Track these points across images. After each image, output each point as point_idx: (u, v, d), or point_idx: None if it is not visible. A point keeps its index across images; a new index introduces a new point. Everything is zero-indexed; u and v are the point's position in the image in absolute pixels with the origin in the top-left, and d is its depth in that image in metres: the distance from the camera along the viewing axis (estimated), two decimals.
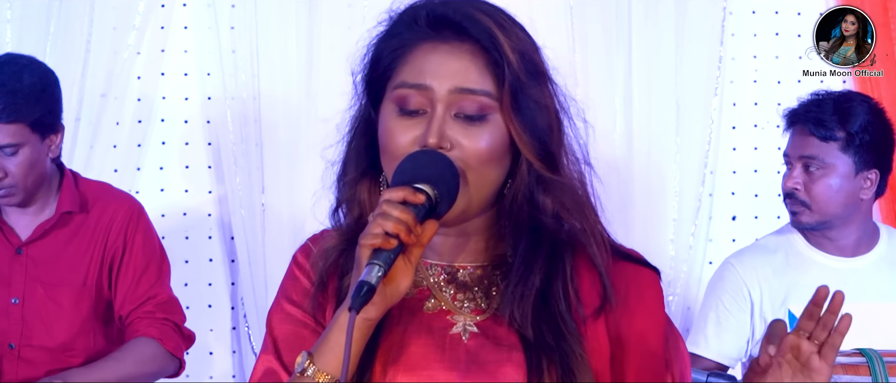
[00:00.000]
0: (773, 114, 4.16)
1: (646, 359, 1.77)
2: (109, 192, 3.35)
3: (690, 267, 4.10)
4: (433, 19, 1.75)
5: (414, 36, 1.76)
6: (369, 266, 1.61)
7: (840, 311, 1.88)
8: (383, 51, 1.78)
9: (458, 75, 1.73)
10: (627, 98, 4.08)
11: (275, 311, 1.84)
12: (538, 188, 1.76)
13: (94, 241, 3.24)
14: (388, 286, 1.66)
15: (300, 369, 1.69)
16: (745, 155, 4.22)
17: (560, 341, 1.72)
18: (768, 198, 4.19)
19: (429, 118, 1.72)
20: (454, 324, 1.78)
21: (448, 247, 1.81)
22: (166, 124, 4.05)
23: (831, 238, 3.19)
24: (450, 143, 1.71)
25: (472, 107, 1.72)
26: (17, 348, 3.21)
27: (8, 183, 3.12)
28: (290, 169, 3.99)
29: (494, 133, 1.73)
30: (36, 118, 3.11)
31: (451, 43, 1.74)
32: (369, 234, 1.63)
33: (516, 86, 1.72)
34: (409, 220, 1.64)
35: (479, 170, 1.72)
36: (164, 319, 3.26)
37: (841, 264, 3.19)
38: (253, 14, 3.96)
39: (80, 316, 3.22)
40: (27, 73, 3.12)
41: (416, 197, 1.66)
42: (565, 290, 1.75)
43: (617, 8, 4.08)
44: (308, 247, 1.85)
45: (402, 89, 1.74)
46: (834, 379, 2.52)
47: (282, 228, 3.98)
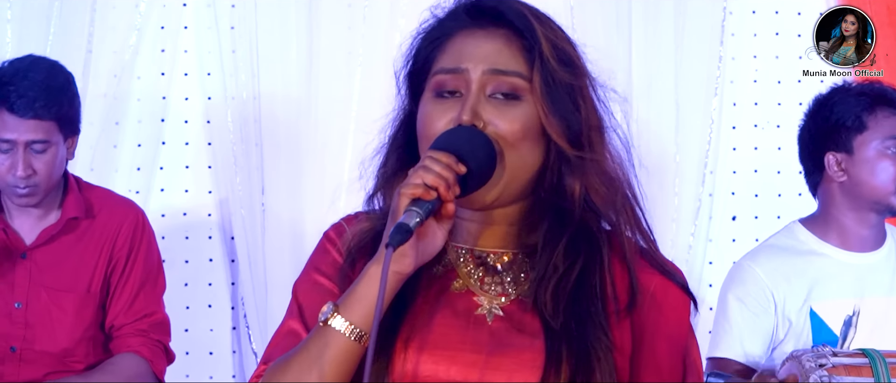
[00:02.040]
0: (774, 114, 4.17)
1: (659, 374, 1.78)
2: (113, 199, 3.35)
3: (690, 267, 4.09)
4: (471, 7, 1.82)
5: (452, 25, 1.82)
6: (408, 212, 1.65)
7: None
8: (422, 44, 1.84)
9: (492, 57, 1.78)
10: (627, 98, 4.07)
11: (302, 281, 1.86)
12: (567, 171, 1.79)
13: (101, 248, 3.24)
14: (421, 242, 1.69)
15: (324, 318, 1.70)
16: (745, 155, 4.22)
17: (585, 331, 1.74)
18: (768, 198, 4.20)
19: (464, 98, 1.77)
20: (479, 306, 1.79)
21: (478, 232, 1.82)
22: (166, 124, 4.05)
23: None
24: (483, 121, 1.75)
25: (504, 86, 1.77)
26: (18, 351, 3.21)
27: (34, 181, 3.13)
28: (290, 169, 3.99)
29: (528, 113, 1.77)
30: (65, 117, 3.14)
31: (487, 28, 1.80)
32: (410, 184, 1.67)
33: (546, 69, 1.77)
34: (450, 177, 1.67)
35: (515, 149, 1.76)
36: (156, 341, 3.27)
37: (855, 259, 3.18)
38: (253, 14, 3.96)
39: (83, 322, 3.22)
40: (57, 71, 3.18)
41: (458, 166, 1.69)
42: (602, 283, 1.77)
43: (617, 8, 4.08)
44: (341, 226, 1.88)
45: (440, 75, 1.79)
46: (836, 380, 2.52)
47: (282, 228, 3.98)
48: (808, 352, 2.60)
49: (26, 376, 3.20)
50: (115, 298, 3.25)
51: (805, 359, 2.55)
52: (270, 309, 3.95)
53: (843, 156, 3.15)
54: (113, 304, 3.25)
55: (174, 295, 3.69)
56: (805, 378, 2.53)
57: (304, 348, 1.72)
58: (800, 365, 2.56)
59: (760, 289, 3.13)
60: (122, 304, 3.24)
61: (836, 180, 3.17)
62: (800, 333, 3.09)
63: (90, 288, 3.23)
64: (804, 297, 3.12)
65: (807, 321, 3.09)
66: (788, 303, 3.12)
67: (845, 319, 3.07)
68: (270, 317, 3.94)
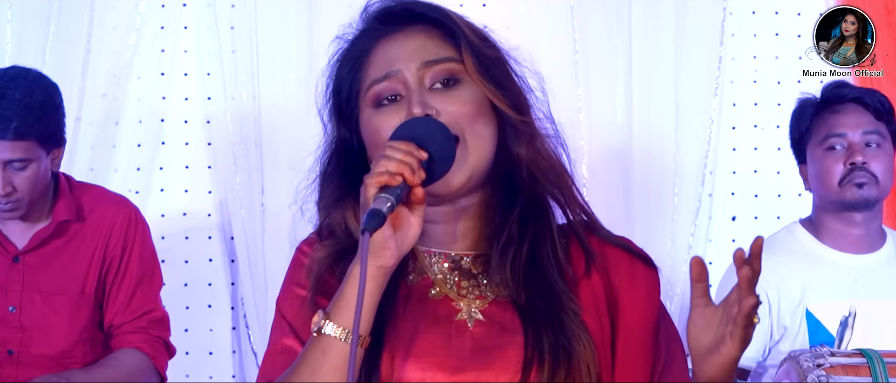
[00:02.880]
0: (773, 114, 4.17)
1: (633, 356, 1.79)
2: (105, 197, 3.33)
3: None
4: (381, 15, 1.84)
5: (367, 40, 1.84)
6: (378, 198, 1.65)
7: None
8: (342, 70, 1.85)
9: (420, 52, 1.80)
10: (627, 98, 4.08)
11: (285, 297, 1.87)
12: (513, 140, 1.82)
13: (94, 249, 3.23)
14: (398, 232, 1.69)
15: (317, 328, 1.71)
16: (745, 155, 4.22)
17: (551, 302, 1.77)
18: (768, 198, 4.19)
19: (407, 97, 1.78)
20: (459, 312, 1.80)
21: (451, 236, 1.83)
22: (166, 124, 4.05)
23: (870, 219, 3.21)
24: (435, 110, 1.76)
25: (442, 74, 1.79)
26: (15, 354, 3.21)
27: (15, 197, 3.11)
28: (289, 169, 3.97)
29: (472, 92, 1.79)
30: (45, 134, 3.09)
31: (403, 29, 1.82)
32: (375, 173, 1.67)
33: (474, 48, 1.80)
34: (413, 162, 1.68)
35: (472, 129, 1.77)
36: (157, 337, 3.27)
37: (852, 261, 3.19)
38: (253, 14, 3.97)
39: (78, 324, 3.22)
40: (37, 88, 3.09)
41: (419, 152, 1.70)
42: (554, 252, 1.81)
43: (617, 8, 4.08)
44: (313, 239, 1.88)
45: (375, 86, 1.80)
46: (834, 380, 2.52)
47: (282, 228, 3.98)
48: (806, 353, 2.60)
49: (25, 377, 3.19)
50: (112, 297, 3.24)
51: (803, 360, 2.55)
52: (270, 309, 3.92)
53: (804, 167, 3.27)
54: (110, 303, 3.25)
55: (174, 296, 3.70)
56: (803, 378, 2.53)
57: (302, 361, 1.73)
58: (798, 366, 2.56)
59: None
60: (119, 303, 3.24)
61: (808, 189, 3.25)
62: (795, 333, 3.10)
63: (84, 289, 3.23)
64: (799, 298, 3.12)
65: (802, 321, 3.09)
66: (783, 303, 3.12)
67: (841, 320, 3.08)
68: (270, 317, 3.93)
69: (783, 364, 2.67)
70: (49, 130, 3.09)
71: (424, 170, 1.70)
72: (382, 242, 1.67)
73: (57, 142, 3.15)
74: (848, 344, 3.03)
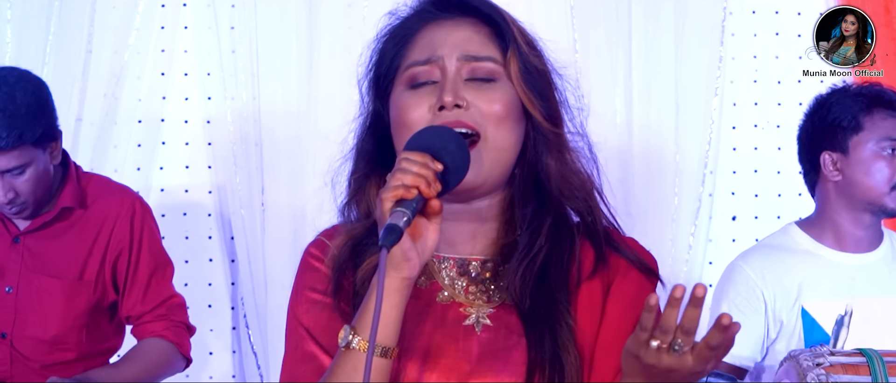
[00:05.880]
0: (773, 114, 4.17)
1: (603, 354, 1.79)
2: (110, 187, 3.35)
3: (690, 267, 4.10)
4: (437, 1, 1.84)
5: (418, 21, 1.84)
6: (394, 213, 1.65)
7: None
8: (387, 45, 1.85)
9: (465, 44, 1.81)
10: (627, 98, 4.08)
11: (298, 303, 1.86)
12: (544, 150, 1.82)
13: (96, 236, 3.24)
14: (418, 242, 1.69)
15: (345, 343, 1.71)
16: (745, 155, 4.22)
17: (551, 311, 1.77)
18: (768, 198, 4.20)
19: (441, 83, 1.78)
20: (467, 316, 1.81)
21: (462, 237, 1.84)
22: (166, 124, 4.05)
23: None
24: (465, 102, 1.77)
25: (481, 72, 1.80)
26: (9, 338, 3.22)
27: (20, 201, 3.12)
28: (289, 168, 3.98)
29: (506, 94, 1.80)
30: (37, 135, 3.07)
31: (455, 18, 1.83)
32: (390, 187, 1.67)
33: (520, 52, 1.81)
34: (428, 175, 1.68)
35: (496, 131, 1.78)
36: (179, 322, 3.31)
37: (849, 260, 3.18)
38: (253, 14, 3.97)
39: (74, 310, 3.23)
40: (20, 91, 3.05)
41: (434, 164, 1.70)
42: (568, 261, 1.81)
43: (617, 8, 4.08)
44: (322, 242, 1.89)
45: (413, 68, 1.81)
46: (834, 379, 2.52)
47: (282, 228, 3.98)
48: (805, 352, 2.60)
49: (18, 361, 3.21)
50: (128, 289, 3.27)
51: (803, 359, 2.55)
52: (270, 310, 3.95)
53: (839, 156, 3.17)
54: (127, 295, 3.27)
55: None
56: (803, 377, 2.53)
57: (332, 376, 1.72)
58: (798, 365, 2.56)
59: (750, 289, 3.14)
60: (136, 294, 3.27)
61: (832, 180, 3.18)
62: (791, 332, 3.10)
63: (83, 276, 3.23)
64: (795, 296, 3.12)
65: (798, 320, 3.09)
66: (779, 302, 3.12)
67: (837, 319, 3.08)
68: (270, 317, 3.95)
69: (783, 363, 2.67)
70: (39, 131, 3.08)
71: (440, 182, 1.70)
72: (403, 254, 1.68)
73: (51, 137, 3.15)
74: (844, 342, 3.03)
